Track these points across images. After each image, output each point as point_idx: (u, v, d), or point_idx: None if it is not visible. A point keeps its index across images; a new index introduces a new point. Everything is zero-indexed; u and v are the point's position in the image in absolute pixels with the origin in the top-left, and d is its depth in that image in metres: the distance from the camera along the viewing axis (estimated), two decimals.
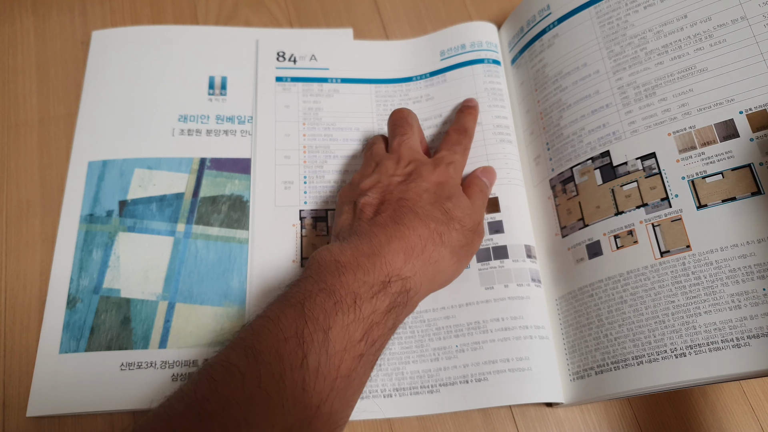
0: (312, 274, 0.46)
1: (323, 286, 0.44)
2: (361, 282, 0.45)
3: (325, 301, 0.43)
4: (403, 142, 0.58)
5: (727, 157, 0.49)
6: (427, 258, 0.49)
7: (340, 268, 0.45)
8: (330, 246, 0.49)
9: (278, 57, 0.70)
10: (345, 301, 0.43)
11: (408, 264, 0.48)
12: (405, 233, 0.49)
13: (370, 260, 0.46)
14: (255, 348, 0.41)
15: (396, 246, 0.48)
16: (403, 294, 0.47)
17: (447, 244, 0.51)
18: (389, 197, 0.52)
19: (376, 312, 0.44)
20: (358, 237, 0.49)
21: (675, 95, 0.53)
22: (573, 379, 0.54)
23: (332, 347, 0.42)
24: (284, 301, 0.44)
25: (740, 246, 0.46)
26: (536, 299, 0.57)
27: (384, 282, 0.46)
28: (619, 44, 0.57)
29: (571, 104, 0.59)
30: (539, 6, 0.65)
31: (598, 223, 0.54)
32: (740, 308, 0.45)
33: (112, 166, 0.63)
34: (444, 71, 0.69)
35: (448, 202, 0.52)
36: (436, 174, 0.55)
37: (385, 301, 0.45)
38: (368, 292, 0.45)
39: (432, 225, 0.50)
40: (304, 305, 0.43)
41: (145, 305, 0.58)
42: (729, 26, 0.52)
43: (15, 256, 0.60)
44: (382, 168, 0.56)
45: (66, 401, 0.54)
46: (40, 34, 0.70)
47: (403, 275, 0.47)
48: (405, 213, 0.50)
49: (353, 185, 0.57)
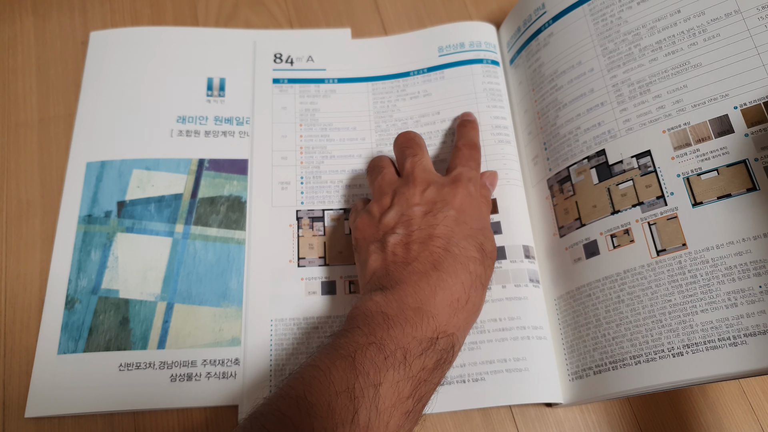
0: (360, 325, 0.45)
1: (373, 339, 0.43)
2: (410, 337, 0.44)
3: (376, 355, 0.42)
4: (416, 164, 0.56)
5: (722, 154, 0.48)
6: (471, 308, 0.48)
7: (388, 321, 0.45)
8: (373, 296, 0.47)
9: (275, 59, 0.70)
10: (395, 356, 0.43)
11: (453, 318, 0.47)
12: (448, 283, 0.47)
13: (417, 315, 0.45)
14: (307, 400, 0.40)
15: (441, 299, 0.47)
16: (449, 350, 0.46)
17: (485, 285, 0.50)
18: (418, 234, 0.50)
19: (425, 369, 0.44)
20: (401, 287, 0.47)
21: (669, 92, 0.52)
22: (572, 379, 0.53)
23: (382, 404, 0.41)
24: (334, 352, 0.43)
25: (736, 243, 0.46)
26: (534, 300, 0.57)
27: (432, 339, 0.45)
28: (613, 41, 0.57)
29: (566, 103, 0.59)
30: (535, 5, 0.65)
31: (594, 222, 0.54)
32: (736, 306, 0.45)
33: (111, 166, 0.63)
34: (442, 68, 0.68)
35: (481, 236, 0.51)
36: (459, 196, 0.53)
37: (433, 357, 0.44)
38: (417, 348, 0.44)
39: (471, 267, 0.49)
40: (355, 358, 0.42)
41: (144, 306, 0.58)
42: (723, 20, 0.51)
43: (15, 256, 0.60)
44: (402, 198, 0.53)
45: (65, 402, 0.54)
46: (40, 34, 0.71)
47: (449, 331, 0.46)
48: (442, 257, 0.49)
49: (373, 219, 0.54)
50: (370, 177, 0.59)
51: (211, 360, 0.56)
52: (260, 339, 0.57)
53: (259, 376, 0.56)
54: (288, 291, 0.59)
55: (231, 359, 0.56)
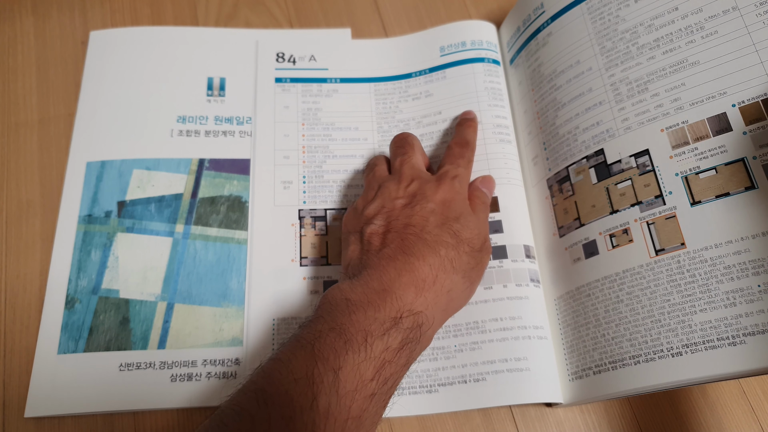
0: (323, 314, 0.45)
1: (333, 325, 0.43)
2: (371, 319, 0.44)
3: (336, 340, 0.42)
4: (405, 161, 0.57)
5: (720, 152, 0.48)
6: (439, 288, 0.48)
7: (350, 307, 0.45)
8: (340, 284, 0.48)
9: (277, 58, 0.70)
10: (356, 339, 0.43)
11: (419, 298, 0.47)
12: (415, 265, 0.48)
13: (380, 297, 0.46)
14: (265, 390, 0.40)
15: (406, 280, 0.47)
16: (415, 329, 0.46)
17: (458, 269, 0.50)
18: (395, 224, 0.51)
19: (388, 349, 0.44)
20: (367, 272, 0.48)
21: (667, 90, 0.52)
22: (572, 379, 0.53)
23: (343, 388, 0.41)
24: (295, 343, 0.43)
25: (734, 242, 0.46)
26: (535, 299, 0.57)
27: (395, 318, 0.45)
28: (610, 40, 0.57)
29: (565, 103, 0.59)
30: (534, 4, 0.65)
31: (593, 222, 0.54)
32: (735, 306, 0.45)
33: (111, 166, 0.63)
34: (444, 68, 0.68)
35: (456, 224, 0.51)
36: (441, 191, 0.53)
37: (398, 337, 0.44)
38: (379, 329, 0.44)
39: (442, 251, 0.49)
40: (314, 345, 0.42)
41: (144, 306, 0.58)
42: (720, 17, 0.51)
43: (15, 256, 0.60)
44: (385, 191, 0.55)
45: (65, 402, 0.54)
46: (40, 34, 0.71)
47: (415, 310, 0.46)
48: (413, 242, 0.49)
49: (357, 212, 0.56)
50: (365, 174, 0.61)
51: (212, 360, 0.56)
52: (262, 338, 0.57)
53: None
54: (290, 290, 0.59)
55: (231, 359, 0.56)
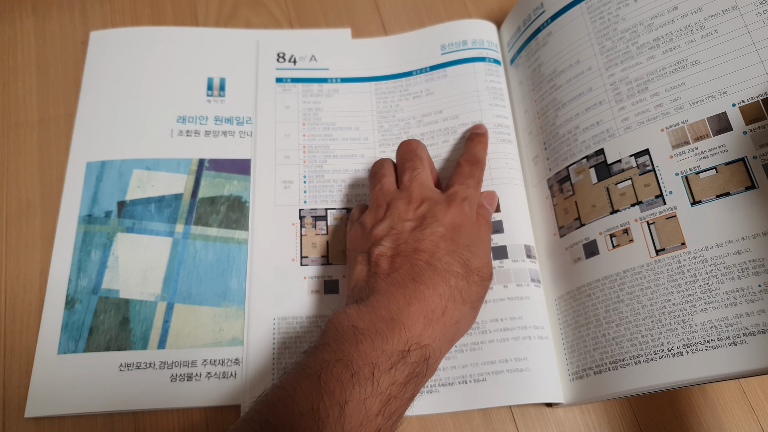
0: (329, 341, 0.45)
1: (340, 356, 0.43)
2: (379, 351, 0.43)
3: (342, 372, 0.42)
4: (414, 178, 0.56)
5: (721, 152, 0.48)
6: (448, 320, 0.47)
7: (357, 335, 0.44)
8: (347, 309, 0.47)
9: (278, 58, 0.70)
10: (362, 372, 0.42)
11: (428, 330, 0.46)
12: (425, 294, 0.47)
13: (388, 326, 0.45)
14: (270, 422, 0.40)
15: (415, 310, 0.46)
16: (422, 363, 0.45)
17: (467, 299, 0.49)
18: (404, 248, 0.50)
19: (395, 384, 0.43)
20: (375, 298, 0.47)
21: (667, 89, 0.52)
22: (572, 379, 0.53)
23: (348, 423, 0.40)
24: (301, 372, 0.43)
25: (735, 242, 0.46)
26: (535, 299, 0.57)
27: (403, 351, 0.44)
28: (610, 39, 0.57)
29: (565, 103, 0.59)
30: (534, 4, 0.64)
31: (594, 222, 0.54)
32: (736, 305, 0.45)
33: (111, 166, 0.63)
34: (444, 66, 0.68)
35: (467, 252, 0.50)
36: (450, 214, 0.52)
37: (404, 371, 0.43)
38: (386, 363, 0.43)
39: (452, 281, 0.48)
40: (320, 377, 0.41)
41: (144, 306, 0.58)
42: (720, 16, 0.51)
43: (15, 256, 0.60)
44: (394, 212, 0.53)
45: (65, 402, 0.54)
46: (40, 34, 0.71)
47: (423, 342, 0.45)
48: (423, 269, 0.48)
49: (365, 230, 0.55)
50: (371, 184, 0.59)
51: (212, 360, 0.56)
52: (263, 337, 0.57)
53: (261, 375, 0.56)
54: (291, 290, 0.59)
55: (231, 359, 0.56)
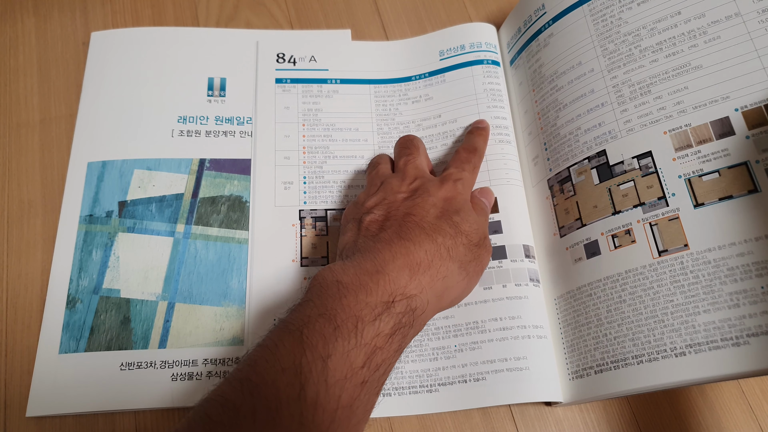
0: (313, 297, 0.44)
1: (323, 310, 0.42)
2: (363, 303, 0.43)
3: (325, 326, 0.41)
4: (409, 162, 0.57)
5: (724, 155, 0.48)
6: (435, 273, 0.47)
7: (341, 290, 0.44)
8: (332, 265, 0.47)
9: (278, 58, 0.70)
10: (346, 325, 0.41)
11: (413, 281, 0.46)
12: (410, 249, 0.47)
13: (372, 279, 0.45)
14: (251, 380, 0.39)
15: (401, 263, 0.46)
16: (408, 314, 0.45)
17: (455, 258, 0.49)
18: (395, 213, 0.51)
19: (380, 335, 0.42)
20: (361, 254, 0.48)
21: (670, 93, 0.52)
22: (572, 378, 0.53)
23: (332, 377, 0.39)
24: (283, 328, 0.42)
25: (738, 244, 0.46)
26: (535, 299, 0.57)
27: (387, 302, 0.44)
28: (613, 42, 0.57)
29: (567, 104, 0.59)
30: (535, 5, 0.65)
31: (595, 222, 0.54)
32: (739, 307, 0.45)
33: (112, 166, 0.63)
34: (443, 71, 0.69)
35: (456, 216, 0.51)
36: (443, 190, 0.53)
37: (389, 322, 0.43)
38: (370, 314, 0.42)
39: (439, 239, 0.49)
40: (302, 332, 0.41)
41: (145, 305, 0.58)
42: (723, 23, 0.52)
43: (16, 256, 0.60)
44: (387, 186, 0.55)
45: (66, 401, 0.54)
46: (41, 34, 0.71)
47: (408, 293, 0.45)
48: (411, 228, 0.49)
49: (358, 204, 0.56)
50: (367, 171, 0.60)
51: (212, 359, 0.56)
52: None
53: None
54: (291, 290, 0.59)
55: (232, 358, 0.56)
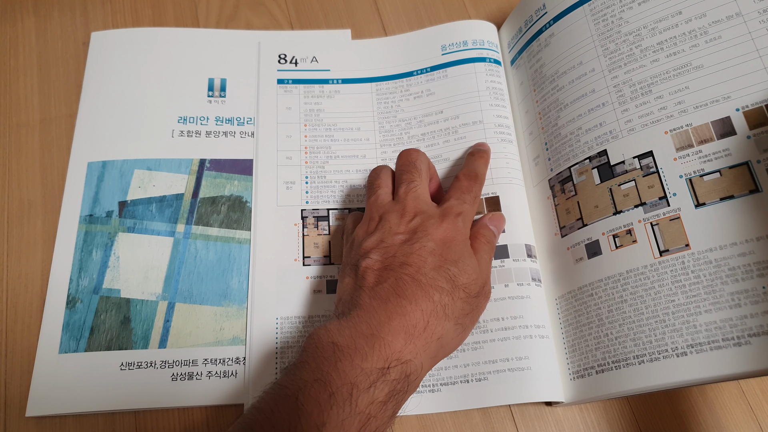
0: (308, 359, 0.44)
1: (318, 375, 0.42)
2: (358, 369, 0.42)
3: (320, 393, 0.41)
4: (410, 191, 0.55)
5: (725, 155, 0.48)
6: (429, 336, 0.46)
7: (337, 353, 0.43)
8: (328, 325, 0.46)
9: (280, 59, 0.70)
10: (341, 392, 0.41)
11: (409, 345, 0.45)
12: (406, 309, 0.46)
13: (368, 342, 0.44)
14: None
15: (396, 325, 0.45)
16: (403, 380, 0.44)
17: (451, 316, 0.48)
18: (392, 262, 0.49)
19: (374, 403, 0.42)
20: (357, 313, 0.47)
21: (671, 93, 0.52)
22: (573, 378, 0.53)
23: None
24: (279, 392, 0.42)
25: (739, 244, 0.46)
26: (536, 299, 0.57)
27: (382, 369, 0.43)
28: (614, 42, 0.57)
29: (568, 104, 0.59)
30: (536, 5, 0.65)
31: (596, 222, 0.54)
32: (740, 307, 0.45)
33: (112, 166, 0.63)
34: (445, 66, 0.69)
35: (454, 267, 0.49)
36: (442, 229, 0.51)
37: (384, 389, 0.43)
38: (365, 381, 0.42)
39: (436, 296, 0.47)
40: (298, 398, 0.41)
41: (145, 305, 0.58)
42: (724, 22, 0.52)
43: (17, 256, 0.60)
44: (385, 225, 0.53)
45: (66, 401, 0.54)
46: (41, 34, 0.71)
47: (403, 359, 0.44)
48: (407, 284, 0.47)
49: (355, 242, 0.54)
50: (367, 194, 0.58)
51: (212, 359, 0.56)
52: (266, 337, 0.57)
53: (264, 374, 0.56)
54: (293, 289, 0.59)
55: (232, 358, 0.56)
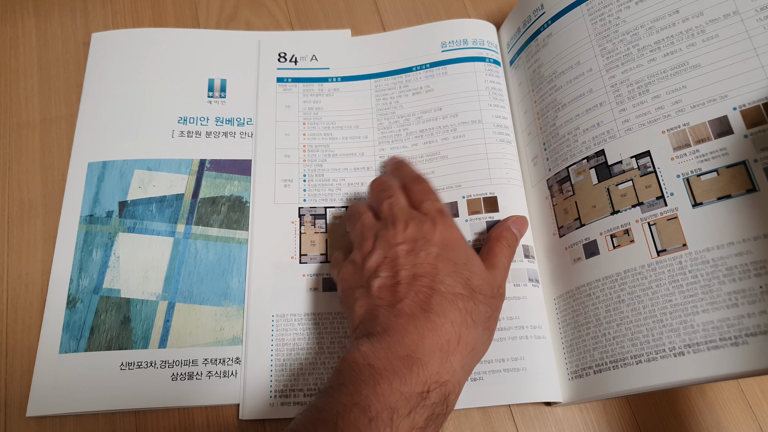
0: (345, 381, 0.43)
1: (357, 399, 0.41)
2: (398, 394, 0.41)
3: (360, 418, 0.40)
4: (394, 204, 0.55)
5: (722, 155, 0.48)
6: (464, 348, 0.46)
7: (374, 376, 0.42)
8: (361, 347, 0.45)
9: (279, 58, 0.70)
10: (381, 418, 0.40)
11: (445, 364, 0.44)
12: (436, 324, 0.45)
13: (405, 365, 0.43)
14: None
15: (430, 343, 0.44)
16: (442, 403, 0.43)
17: (479, 322, 0.47)
18: (403, 274, 0.48)
19: (414, 429, 0.41)
20: (387, 333, 0.45)
21: (668, 92, 0.52)
22: (571, 378, 0.53)
23: None
24: (316, 416, 0.41)
25: (736, 244, 0.46)
26: (533, 299, 0.57)
27: (422, 393, 0.42)
28: (611, 41, 0.57)
29: (565, 104, 0.59)
30: (534, 5, 0.65)
31: (594, 222, 0.54)
32: (737, 306, 0.45)
33: (112, 167, 0.63)
34: (445, 63, 0.68)
35: (466, 271, 0.49)
36: (438, 231, 0.51)
37: (424, 414, 0.42)
38: (405, 407, 0.41)
39: (460, 304, 0.47)
40: (337, 423, 0.40)
41: (145, 305, 0.58)
42: (721, 21, 0.51)
43: (17, 256, 0.61)
44: (383, 240, 0.52)
45: (66, 401, 0.54)
46: (41, 35, 0.71)
47: (442, 380, 0.43)
48: (429, 296, 0.46)
49: (356, 266, 0.53)
50: (350, 225, 0.58)
51: (212, 359, 0.56)
52: (261, 334, 0.57)
53: (259, 372, 0.56)
54: (289, 287, 0.59)
55: (232, 358, 0.57)
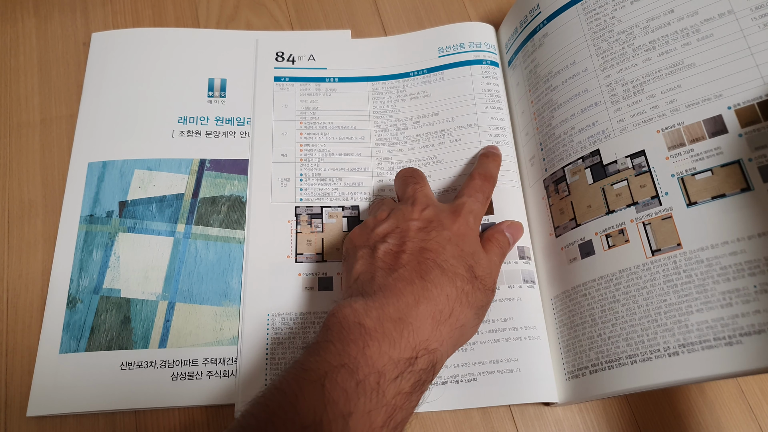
0: (333, 339, 0.43)
1: (345, 359, 0.41)
2: (386, 358, 0.41)
3: (347, 380, 0.40)
4: (418, 190, 0.55)
5: (716, 154, 0.48)
6: (454, 322, 0.46)
7: (364, 336, 0.42)
8: (353, 303, 0.45)
9: (277, 57, 0.70)
10: (368, 381, 0.40)
11: (435, 332, 0.45)
12: (433, 293, 0.46)
13: (396, 327, 0.43)
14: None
15: (424, 310, 0.45)
16: (429, 370, 0.44)
17: (473, 304, 0.48)
18: (410, 245, 0.49)
19: (400, 394, 0.41)
20: (383, 294, 0.46)
21: (663, 91, 0.52)
22: (568, 378, 0.53)
23: None
24: (302, 375, 0.41)
25: (730, 243, 0.46)
26: (528, 300, 0.57)
27: (410, 359, 0.42)
28: (606, 41, 0.57)
29: (561, 104, 0.59)
30: (530, 5, 0.65)
31: (589, 222, 0.54)
32: (732, 306, 0.45)
33: (112, 167, 0.63)
34: (442, 69, 0.69)
35: (471, 259, 0.50)
36: (457, 224, 0.51)
37: (411, 380, 0.42)
38: (393, 371, 0.41)
39: (458, 283, 0.47)
40: (324, 385, 0.39)
41: (145, 305, 0.58)
42: (716, 20, 0.51)
43: (17, 256, 0.61)
44: (399, 213, 0.53)
45: (66, 401, 0.55)
46: (41, 35, 0.71)
47: (431, 347, 0.44)
48: (430, 267, 0.47)
49: (366, 228, 0.54)
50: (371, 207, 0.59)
51: (212, 359, 0.57)
52: (257, 332, 0.57)
53: (255, 370, 0.56)
54: (285, 286, 0.59)
55: (232, 358, 0.57)
